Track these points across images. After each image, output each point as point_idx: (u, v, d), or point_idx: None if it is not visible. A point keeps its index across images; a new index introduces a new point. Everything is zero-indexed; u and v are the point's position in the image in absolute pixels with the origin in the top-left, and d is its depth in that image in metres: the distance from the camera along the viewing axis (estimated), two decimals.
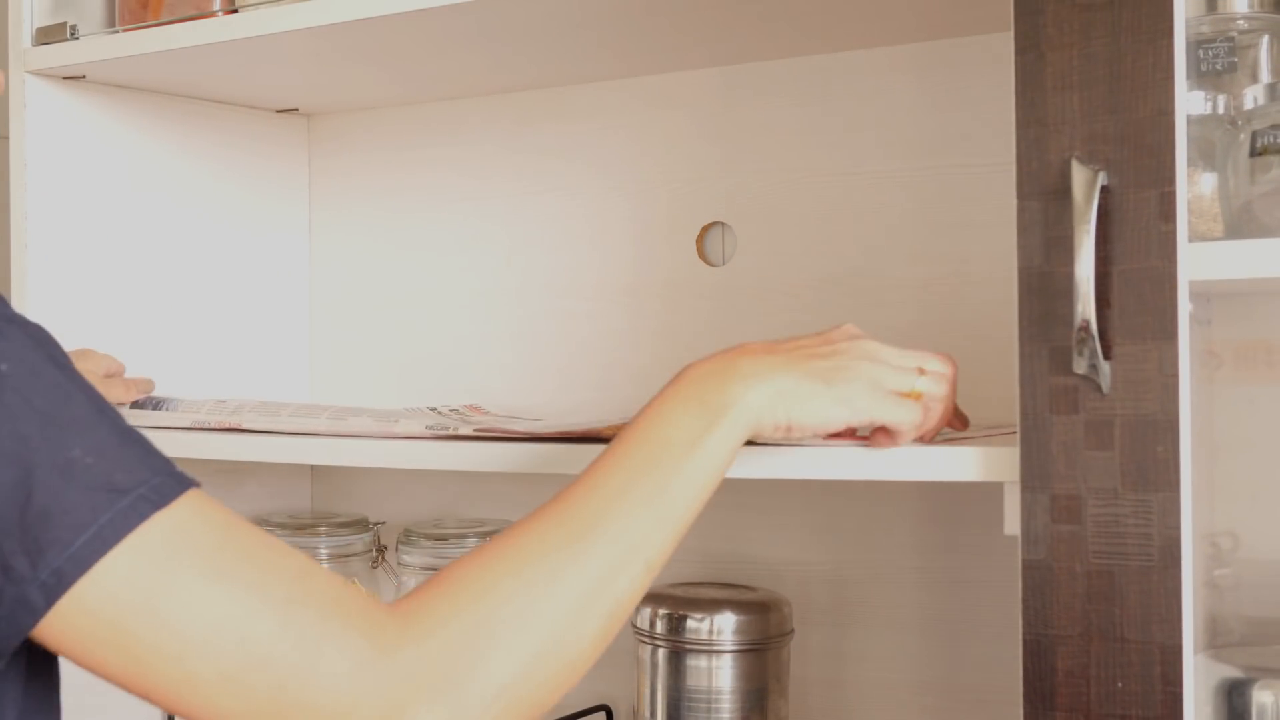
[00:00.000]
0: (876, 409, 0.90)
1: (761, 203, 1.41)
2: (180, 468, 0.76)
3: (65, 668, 0.80)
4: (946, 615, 1.31)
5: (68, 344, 0.85)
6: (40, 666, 0.79)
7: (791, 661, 1.30)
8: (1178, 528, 0.82)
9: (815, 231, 1.38)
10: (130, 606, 0.72)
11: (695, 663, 1.25)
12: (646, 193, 1.47)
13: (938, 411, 0.93)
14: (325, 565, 1.47)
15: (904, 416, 0.90)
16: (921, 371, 0.92)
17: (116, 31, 1.38)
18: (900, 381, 0.91)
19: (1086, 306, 0.83)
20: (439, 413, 1.27)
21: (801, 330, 1.37)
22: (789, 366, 0.89)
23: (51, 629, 0.72)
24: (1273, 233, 0.86)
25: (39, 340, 0.75)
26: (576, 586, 0.80)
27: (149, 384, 1.43)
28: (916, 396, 0.91)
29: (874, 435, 0.92)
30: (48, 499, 0.71)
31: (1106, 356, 0.84)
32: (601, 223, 1.50)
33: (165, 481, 0.74)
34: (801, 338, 0.93)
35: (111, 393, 1.36)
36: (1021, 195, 0.87)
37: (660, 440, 0.86)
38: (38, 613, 0.71)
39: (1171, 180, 0.83)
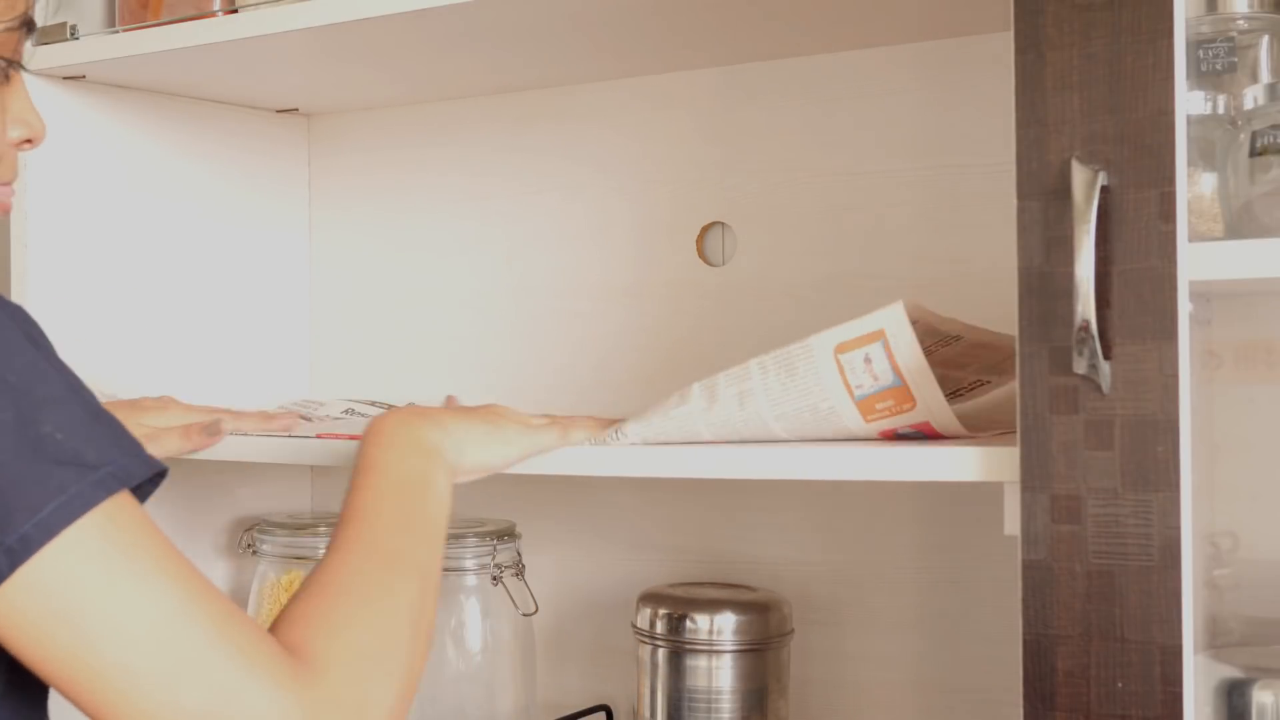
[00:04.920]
0: (529, 442, 1.06)
1: (761, 203, 1.40)
2: (149, 453, 0.78)
3: None
4: (946, 615, 1.31)
5: (66, 345, 0.86)
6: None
7: (791, 661, 1.30)
8: (1178, 528, 0.82)
9: (815, 231, 1.38)
10: (84, 584, 0.73)
11: (695, 663, 1.25)
12: (646, 193, 1.47)
13: (579, 421, 1.08)
14: None
15: (548, 440, 1.06)
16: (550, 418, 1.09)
17: (116, 31, 1.38)
18: (535, 419, 1.08)
19: (1086, 306, 0.83)
20: None
21: (800, 331, 1.37)
22: (464, 419, 1.04)
23: (6, 598, 0.73)
24: (1273, 233, 0.86)
25: (16, 319, 0.77)
26: (407, 610, 0.87)
27: (216, 427, 1.27)
28: (553, 419, 1.08)
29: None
30: (18, 469, 0.72)
31: (1106, 356, 0.84)
32: (601, 223, 1.50)
33: (133, 462, 0.76)
34: (452, 408, 1.10)
35: (167, 445, 1.24)
36: (1021, 195, 0.87)
37: (404, 479, 0.96)
38: (0, 577, 0.72)
39: (1171, 180, 0.83)
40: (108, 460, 0.75)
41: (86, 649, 0.74)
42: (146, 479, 0.77)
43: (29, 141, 1.00)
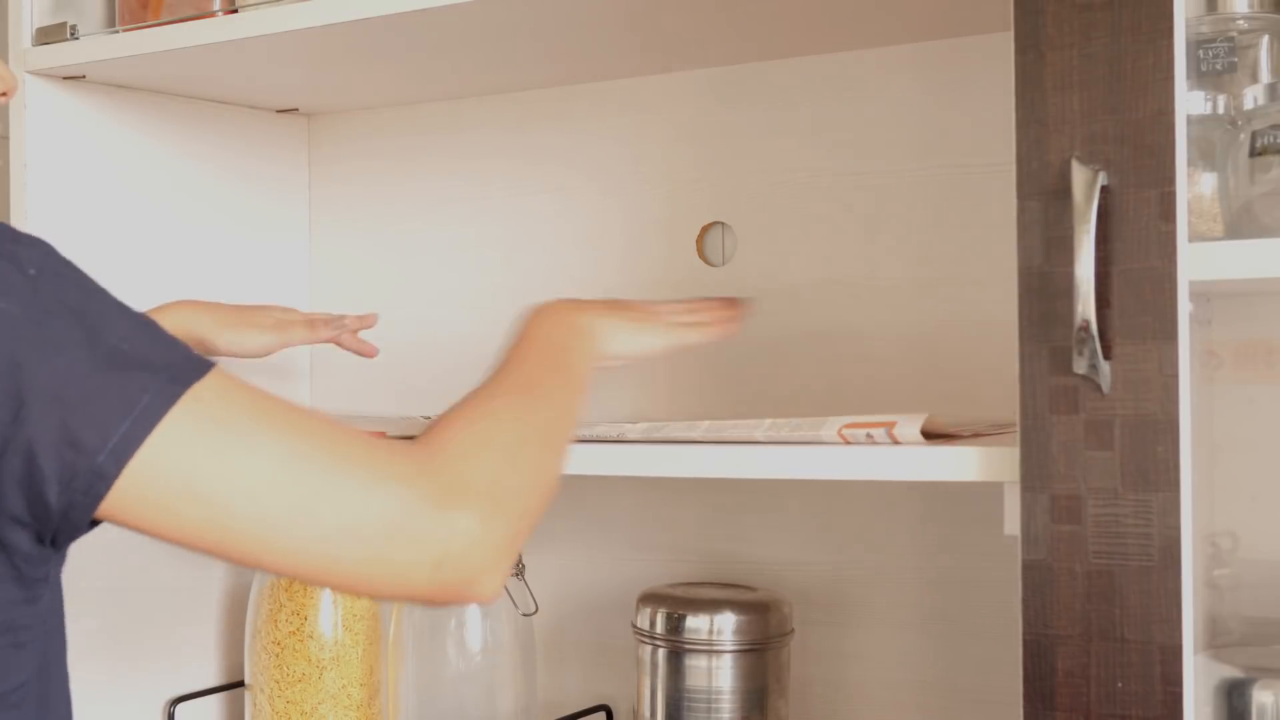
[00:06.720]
0: (671, 338, 1.15)
1: (761, 203, 1.41)
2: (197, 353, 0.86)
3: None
4: (946, 615, 1.31)
5: None
6: (57, 576, 0.88)
7: (791, 661, 1.30)
8: (1178, 528, 0.82)
9: (815, 231, 1.38)
10: (195, 459, 0.81)
11: (695, 663, 1.25)
12: (647, 192, 1.47)
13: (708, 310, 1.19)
14: None
15: (689, 338, 1.16)
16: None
17: (116, 31, 1.38)
18: (679, 314, 1.17)
19: (1086, 306, 0.83)
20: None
21: (800, 329, 1.38)
22: (614, 312, 1.13)
23: (122, 496, 0.79)
24: (1273, 233, 0.86)
25: (52, 247, 0.85)
26: (541, 427, 0.96)
27: (355, 319, 1.46)
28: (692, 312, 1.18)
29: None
30: (101, 379, 0.79)
31: (1106, 356, 0.84)
32: (601, 222, 1.50)
33: (189, 360, 0.84)
34: (605, 301, 1.19)
35: (295, 334, 1.40)
36: (1021, 195, 0.87)
37: (553, 344, 1.06)
38: (110, 479, 0.78)
39: (1171, 180, 0.83)
40: (172, 360, 0.83)
41: (217, 514, 0.81)
42: (204, 374, 0.84)
43: (3, 95, 1.02)
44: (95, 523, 0.82)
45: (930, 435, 0.98)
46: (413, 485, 0.84)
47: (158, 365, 0.81)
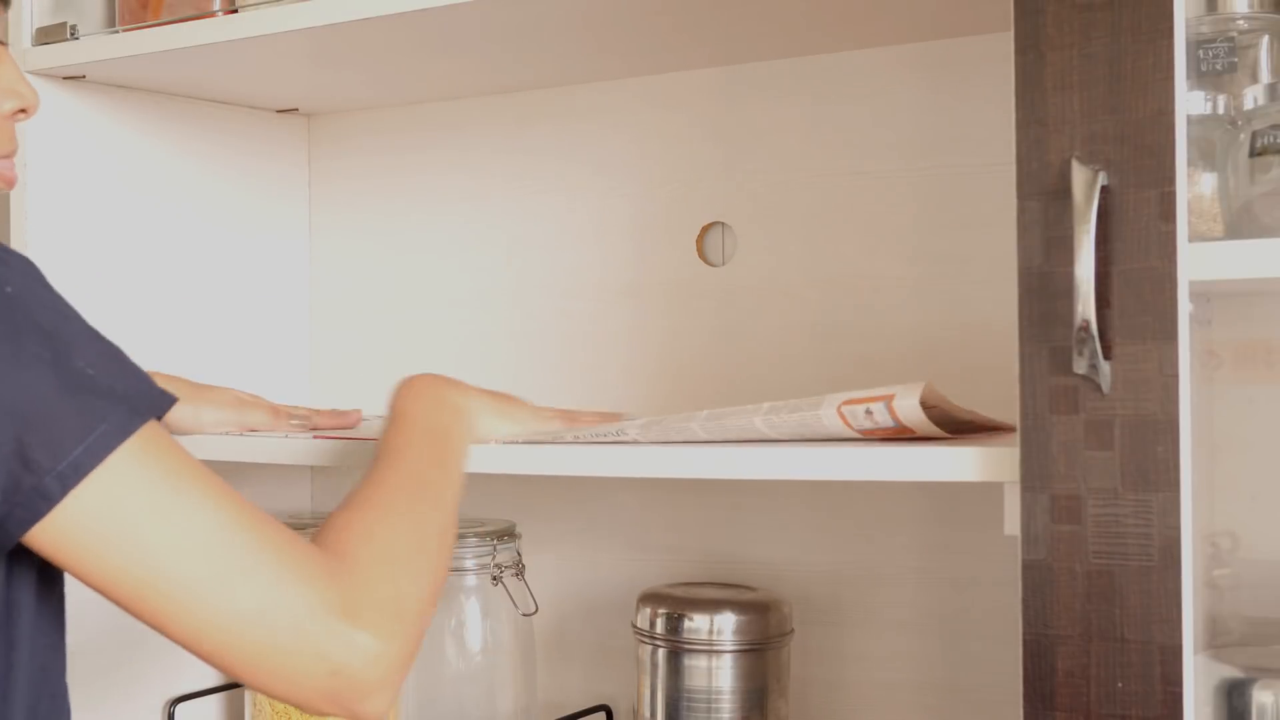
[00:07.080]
0: (537, 425, 1.16)
1: (761, 203, 1.41)
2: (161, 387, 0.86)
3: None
4: (946, 615, 1.31)
5: None
6: (48, 584, 0.87)
7: (791, 661, 1.30)
8: (1178, 528, 0.82)
9: (815, 231, 1.38)
10: (136, 502, 0.81)
11: (695, 663, 1.25)
12: (646, 193, 1.47)
13: (584, 417, 1.19)
14: None
15: (553, 427, 1.16)
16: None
17: (116, 31, 1.38)
18: (545, 411, 1.18)
19: (1086, 306, 0.83)
20: None
21: (800, 329, 1.38)
22: (484, 395, 1.15)
23: (55, 521, 0.80)
24: (1273, 233, 0.86)
25: (33, 266, 0.85)
26: (435, 530, 0.97)
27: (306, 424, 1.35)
28: (562, 412, 1.19)
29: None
30: (61, 401, 0.80)
31: (1106, 356, 0.84)
32: (602, 223, 1.50)
33: (155, 393, 0.85)
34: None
35: (254, 417, 1.32)
36: (1021, 195, 0.87)
37: (433, 429, 1.07)
38: (53, 500, 0.79)
39: (1171, 180, 0.83)
40: (135, 391, 0.83)
41: (144, 562, 0.82)
42: (165, 410, 0.85)
43: (23, 111, 1.01)
44: (20, 547, 0.83)
45: (929, 407, 0.98)
46: (324, 590, 0.85)
47: (119, 394, 0.82)
